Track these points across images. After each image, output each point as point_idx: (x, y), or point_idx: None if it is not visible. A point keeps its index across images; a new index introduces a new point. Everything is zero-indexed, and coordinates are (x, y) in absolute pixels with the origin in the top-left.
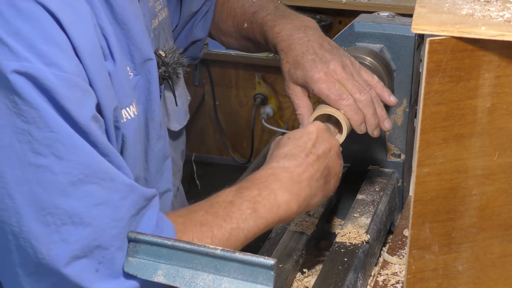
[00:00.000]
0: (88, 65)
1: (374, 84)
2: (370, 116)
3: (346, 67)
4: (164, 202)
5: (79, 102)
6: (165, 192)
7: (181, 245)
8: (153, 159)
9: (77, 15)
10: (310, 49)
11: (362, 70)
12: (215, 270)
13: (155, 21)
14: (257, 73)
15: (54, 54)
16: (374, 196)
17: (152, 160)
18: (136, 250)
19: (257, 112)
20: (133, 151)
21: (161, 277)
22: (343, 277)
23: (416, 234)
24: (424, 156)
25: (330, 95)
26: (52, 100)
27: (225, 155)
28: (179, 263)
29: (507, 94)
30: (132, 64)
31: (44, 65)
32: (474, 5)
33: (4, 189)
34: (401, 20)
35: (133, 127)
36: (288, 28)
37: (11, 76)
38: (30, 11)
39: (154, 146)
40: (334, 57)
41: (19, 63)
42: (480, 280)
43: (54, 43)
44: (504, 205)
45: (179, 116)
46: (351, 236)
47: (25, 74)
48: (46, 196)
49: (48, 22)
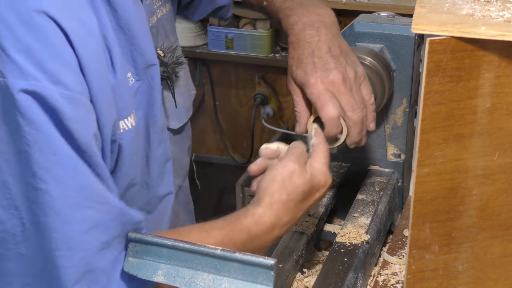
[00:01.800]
0: (92, 81)
1: (369, 105)
2: (355, 134)
3: (347, 79)
4: (165, 205)
5: (83, 121)
6: (167, 195)
7: (181, 245)
8: (154, 163)
9: (85, 29)
10: (317, 51)
11: (363, 85)
12: (215, 270)
13: (153, 19)
14: (257, 73)
15: (62, 72)
16: (374, 196)
17: (153, 164)
18: (136, 250)
19: (257, 112)
20: (128, 160)
21: (161, 277)
22: (343, 277)
23: (416, 234)
24: (424, 156)
25: (317, 102)
26: (57, 120)
27: (225, 155)
28: (179, 263)
29: (507, 94)
30: (134, 69)
31: (52, 83)
32: (474, 5)
33: (10, 200)
34: (401, 20)
35: (130, 138)
36: (302, 22)
37: (18, 95)
38: (41, 26)
39: (156, 150)
40: (338, 66)
41: (27, 82)
42: (480, 280)
43: (62, 61)
44: (504, 205)
45: (180, 114)
46: (351, 236)
47: (32, 93)
48: (44, 219)
49: (58, 38)
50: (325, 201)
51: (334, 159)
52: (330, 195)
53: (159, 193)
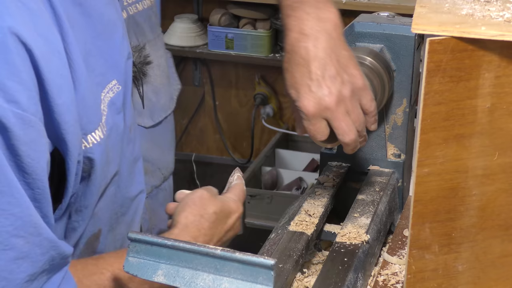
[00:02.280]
0: (56, 98)
1: (369, 112)
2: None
3: (342, 102)
4: (137, 204)
5: (32, 143)
6: (138, 195)
7: (181, 245)
8: (124, 163)
9: (49, 46)
10: (313, 71)
11: (363, 96)
12: (215, 270)
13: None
14: (257, 73)
15: (17, 90)
16: (374, 196)
17: (123, 164)
18: (136, 250)
19: (257, 112)
20: (101, 172)
21: (161, 277)
22: (343, 277)
23: (416, 234)
24: (424, 156)
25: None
26: (6, 140)
27: (225, 155)
28: (179, 263)
29: (507, 94)
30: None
31: (5, 101)
32: (474, 5)
33: None
34: (401, 20)
35: (100, 151)
36: (300, 28)
37: None
38: (4, 43)
39: (125, 150)
40: (332, 90)
41: None
42: (480, 280)
43: (19, 79)
44: (504, 205)
45: (152, 111)
46: (351, 236)
47: None
48: None
49: (19, 56)
50: (325, 201)
51: (334, 159)
52: (330, 195)
53: (131, 193)
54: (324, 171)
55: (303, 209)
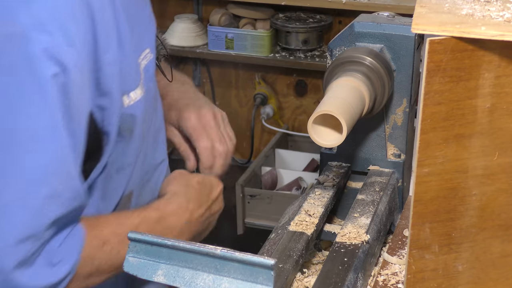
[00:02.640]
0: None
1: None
2: (218, 166)
3: (216, 117)
4: (159, 172)
5: (81, 90)
6: (161, 163)
7: (181, 245)
8: (150, 131)
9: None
10: (186, 96)
11: (227, 126)
12: (215, 270)
13: None
14: (257, 73)
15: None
16: (374, 196)
17: (149, 131)
18: (136, 250)
19: (257, 112)
20: (140, 130)
21: (161, 277)
22: (343, 277)
23: (416, 234)
24: (424, 156)
25: (193, 134)
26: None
27: None
28: (179, 263)
29: (507, 94)
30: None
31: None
32: (474, 5)
33: None
34: (401, 20)
35: (141, 108)
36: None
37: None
38: None
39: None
40: (207, 106)
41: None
42: (480, 280)
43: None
44: (504, 205)
45: None
46: (351, 236)
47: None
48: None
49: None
50: (325, 201)
51: (334, 159)
52: (330, 195)
53: (155, 160)
54: (324, 171)
55: (303, 209)
